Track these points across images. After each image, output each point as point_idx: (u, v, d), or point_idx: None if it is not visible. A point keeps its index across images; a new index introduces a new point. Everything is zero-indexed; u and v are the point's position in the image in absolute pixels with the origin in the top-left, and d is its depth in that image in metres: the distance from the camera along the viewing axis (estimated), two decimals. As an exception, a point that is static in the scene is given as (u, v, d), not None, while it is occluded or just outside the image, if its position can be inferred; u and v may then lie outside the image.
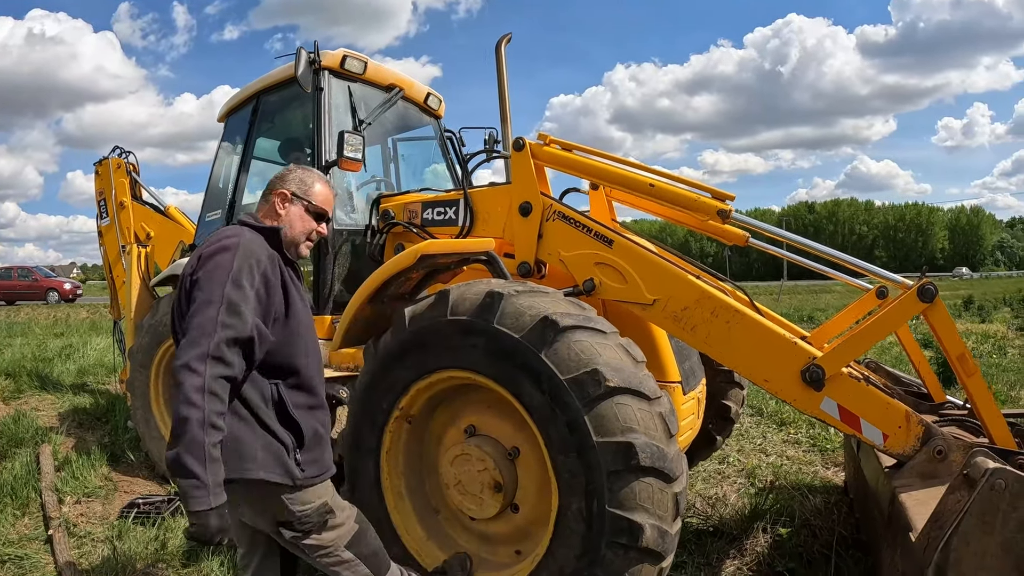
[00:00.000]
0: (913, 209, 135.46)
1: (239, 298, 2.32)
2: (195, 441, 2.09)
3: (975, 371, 3.32)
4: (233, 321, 2.28)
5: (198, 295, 2.31)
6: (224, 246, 2.40)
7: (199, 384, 2.14)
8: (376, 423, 3.67)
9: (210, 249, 2.41)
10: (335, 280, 5.01)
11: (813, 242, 3.83)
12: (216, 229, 2.61)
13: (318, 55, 5.05)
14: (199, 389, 2.14)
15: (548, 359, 3.03)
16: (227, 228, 2.59)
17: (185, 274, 2.43)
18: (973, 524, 2.39)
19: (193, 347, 2.19)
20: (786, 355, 3.33)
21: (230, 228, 2.58)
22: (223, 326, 2.24)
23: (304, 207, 2.72)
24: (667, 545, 2.93)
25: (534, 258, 4.06)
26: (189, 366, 2.16)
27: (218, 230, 2.59)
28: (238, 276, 2.35)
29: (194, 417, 2.10)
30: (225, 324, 2.25)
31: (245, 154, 5.74)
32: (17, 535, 4.86)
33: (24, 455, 6.50)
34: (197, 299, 2.30)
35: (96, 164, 8.12)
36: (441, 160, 6.43)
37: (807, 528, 4.49)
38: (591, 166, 4.10)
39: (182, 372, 2.15)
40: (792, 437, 7.12)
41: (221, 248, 2.40)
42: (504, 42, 4.72)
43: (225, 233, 2.50)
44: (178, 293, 2.48)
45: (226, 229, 2.57)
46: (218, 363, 2.20)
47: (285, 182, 2.73)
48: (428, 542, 3.66)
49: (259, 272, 2.42)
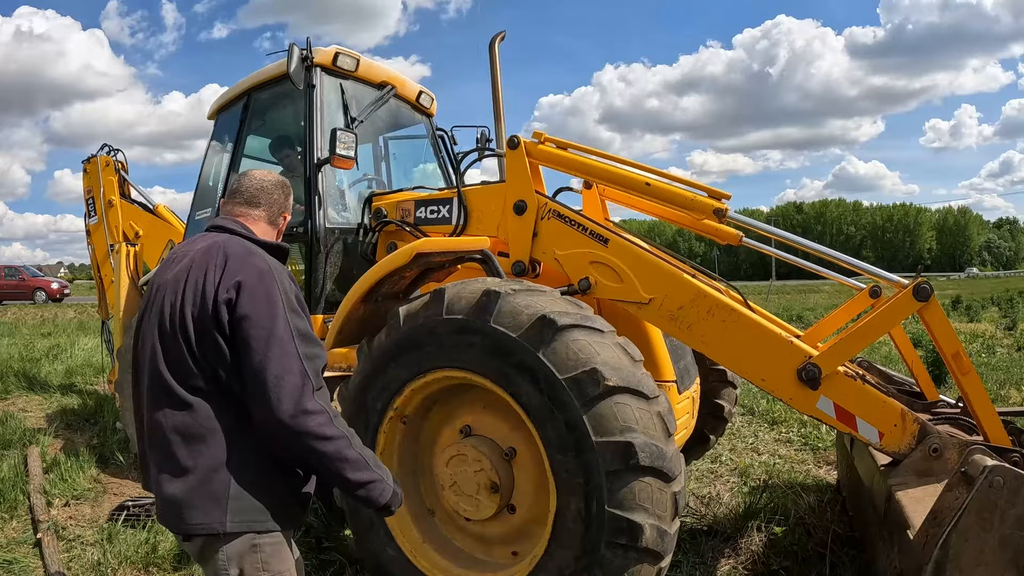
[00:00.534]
0: (901, 210, 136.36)
1: (304, 325, 2.18)
2: (356, 461, 2.13)
3: (970, 369, 3.33)
4: (313, 350, 2.15)
5: (257, 331, 2.07)
6: (261, 270, 2.17)
7: (324, 420, 2.07)
8: (370, 424, 3.64)
9: (249, 278, 2.13)
10: (327, 279, 4.98)
11: (808, 241, 3.82)
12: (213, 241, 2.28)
13: (310, 52, 5.01)
14: (328, 422, 2.09)
15: (546, 358, 3.01)
16: (232, 242, 2.28)
17: (219, 301, 2.11)
18: (971, 521, 2.41)
19: (293, 392, 2.03)
20: (782, 354, 3.32)
21: (228, 238, 2.30)
22: (307, 358, 2.11)
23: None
24: (666, 545, 2.92)
25: (529, 257, 4.04)
26: (305, 410, 2.04)
27: (221, 243, 2.26)
28: (290, 300, 2.18)
29: (342, 446, 2.10)
30: (307, 356, 2.11)
31: (235, 152, 5.69)
32: (5, 539, 4.81)
33: (12, 457, 6.44)
34: (259, 336, 2.07)
35: (84, 162, 8.06)
36: (433, 159, 6.41)
37: (801, 526, 4.50)
38: (587, 164, 4.09)
39: (300, 419, 2.03)
40: (784, 436, 7.15)
41: (259, 273, 2.16)
42: (498, 40, 4.70)
43: (249, 253, 2.23)
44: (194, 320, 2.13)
45: (229, 240, 2.28)
46: (322, 392, 2.14)
47: (289, 207, 2.59)
48: (424, 544, 3.63)
49: (294, 291, 2.25)
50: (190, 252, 2.27)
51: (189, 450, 2.07)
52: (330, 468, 2.10)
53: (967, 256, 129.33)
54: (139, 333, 2.28)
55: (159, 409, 2.12)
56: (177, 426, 2.08)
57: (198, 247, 2.27)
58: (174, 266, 2.27)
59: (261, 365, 2.04)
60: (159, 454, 2.12)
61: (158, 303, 2.21)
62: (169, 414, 2.10)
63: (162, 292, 2.21)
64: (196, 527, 2.07)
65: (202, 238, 2.35)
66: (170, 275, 2.23)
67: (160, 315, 2.17)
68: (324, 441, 2.07)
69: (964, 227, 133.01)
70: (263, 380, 2.03)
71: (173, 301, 2.16)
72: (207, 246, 2.25)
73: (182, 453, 2.07)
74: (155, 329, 2.17)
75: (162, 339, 2.14)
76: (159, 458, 2.12)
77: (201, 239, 2.34)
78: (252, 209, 2.47)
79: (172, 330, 2.13)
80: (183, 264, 2.23)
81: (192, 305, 2.12)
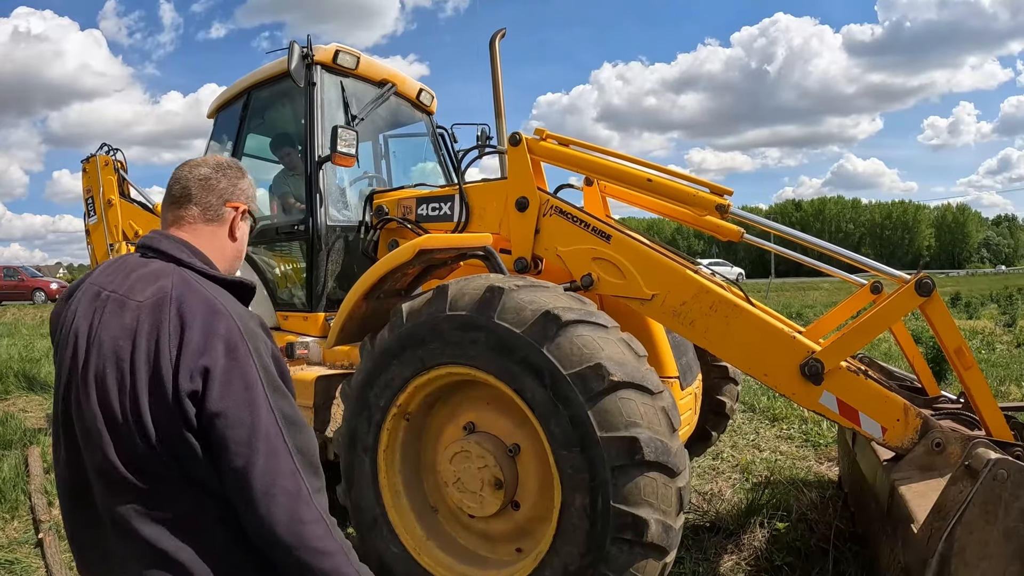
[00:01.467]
0: (900, 207, 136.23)
1: (290, 407, 1.75)
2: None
3: (972, 364, 3.33)
4: (303, 439, 1.75)
5: (236, 432, 1.64)
6: (229, 344, 1.67)
7: (322, 531, 1.69)
8: (373, 420, 3.64)
9: (218, 360, 1.65)
10: (328, 277, 4.98)
11: (812, 237, 3.83)
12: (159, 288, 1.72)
13: (311, 50, 5.01)
14: (327, 533, 1.70)
15: (550, 354, 3.01)
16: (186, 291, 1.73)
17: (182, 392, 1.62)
18: (976, 514, 2.42)
19: (288, 501, 1.66)
20: (785, 349, 3.33)
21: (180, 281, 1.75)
22: (297, 451, 1.71)
23: (252, 224, 2.09)
24: (671, 540, 2.92)
25: (531, 253, 4.04)
26: (302, 520, 1.66)
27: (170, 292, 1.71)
28: (271, 377, 1.73)
29: (340, 562, 1.70)
30: (298, 448, 1.72)
31: (235, 151, 5.68)
32: (7, 539, 4.82)
33: (12, 457, 6.45)
34: (239, 438, 1.64)
35: (84, 162, 8.07)
36: (433, 156, 6.41)
37: (803, 522, 4.51)
38: (588, 161, 4.09)
39: (297, 531, 1.65)
40: (785, 432, 7.15)
41: (229, 350, 1.67)
42: (498, 37, 4.71)
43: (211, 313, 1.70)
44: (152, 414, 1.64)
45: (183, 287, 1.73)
46: (319, 494, 1.74)
47: (242, 191, 2.01)
48: (427, 541, 3.63)
49: (271, 357, 1.78)
50: (132, 303, 1.72)
51: (163, 559, 1.67)
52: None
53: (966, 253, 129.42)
54: (71, 408, 1.73)
55: (115, 507, 1.68)
56: (144, 532, 1.67)
57: (143, 298, 1.72)
58: (110, 318, 1.72)
59: (245, 471, 1.63)
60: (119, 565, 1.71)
61: (96, 374, 1.68)
62: (129, 515, 1.67)
63: (100, 358, 1.69)
64: None
65: (146, 276, 1.78)
66: (108, 335, 1.70)
67: (102, 394, 1.66)
68: (322, 556, 1.69)
69: (963, 224, 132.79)
70: (249, 489, 1.64)
71: (120, 380, 1.65)
72: (155, 300, 1.70)
73: (154, 562, 1.67)
74: (97, 412, 1.66)
75: (111, 427, 1.65)
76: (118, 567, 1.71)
77: (145, 279, 1.77)
78: (184, 210, 1.92)
79: (124, 419, 1.65)
80: (124, 323, 1.69)
81: (147, 393, 1.64)
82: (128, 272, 1.80)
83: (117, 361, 1.67)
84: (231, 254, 1.99)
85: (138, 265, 1.81)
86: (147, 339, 1.66)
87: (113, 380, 1.66)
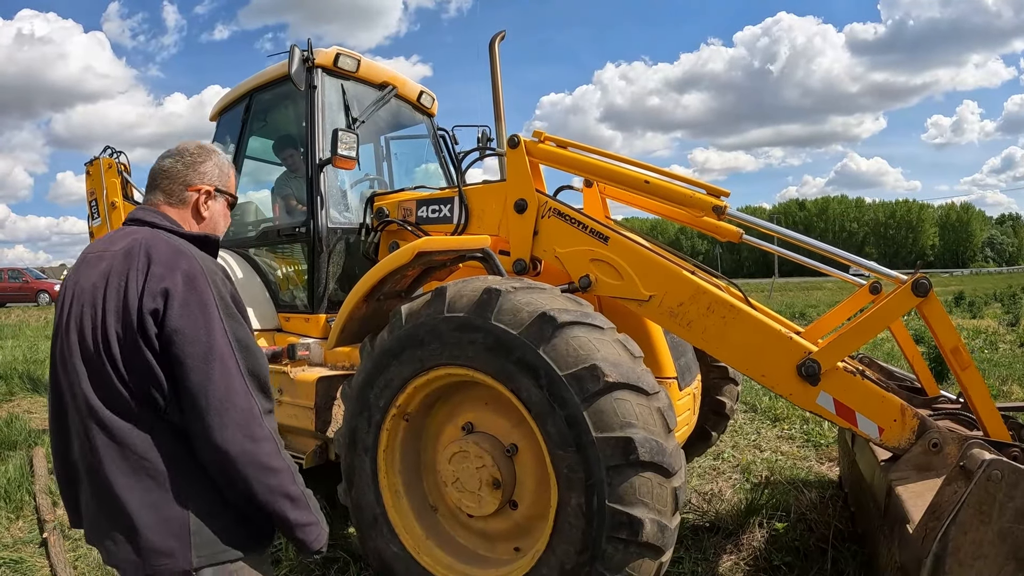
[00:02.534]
0: (903, 206, 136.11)
1: (244, 333, 1.95)
2: (298, 499, 1.93)
3: (969, 364, 3.34)
4: (256, 363, 1.94)
5: (192, 348, 1.82)
6: (189, 274, 1.88)
7: (271, 449, 1.88)
8: (373, 421, 3.66)
9: (177, 284, 1.85)
10: (329, 279, 5.01)
11: (808, 238, 3.85)
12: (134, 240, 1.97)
13: (311, 53, 5.04)
14: (276, 452, 1.90)
15: (546, 355, 3.03)
16: (156, 239, 1.96)
17: (144, 312, 1.83)
18: (970, 514, 2.43)
19: (239, 417, 1.83)
20: (782, 350, 3.34)
21: (150, 235, 1.99)
22: (249, 374, 1.90)
23: (227, 202, 2.28)
24: (667, 539, 2.93)
25: (530, 255, 4.06)
26: (253, 437, 1.84)
27: (143, 241, 1.95)
28: (227, 304, 1.93)
29: (286, 480, 1.90)
30: (251, 371, 1.90)
31: (238, 153, 5.71)
32: (11, 539, 4.84)
33: (17, 458, 6.48)
34: (194, 353, 1.82)
35: (87, 164, 8.09)
36: (434, 158, 6.43)
37: (803, 522, 4.51)
38: (587, 163, 4.10)
39: (248, 448, 1.83)
40: (786, 433, 7.16)
41: (188, 278, 1.87)
42: (498, 40, 4.72)
43: (176, 253, 1.92)
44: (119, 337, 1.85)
45: (152, 238, 1.97)
46: (269, 416, 1.94)
47: (203, 174, 2.18)
48: (426, 540, 3.65)
49: (229, 292, 1.98)
50: (108, 253, 1.96)
51: (135, 486, 1.83)
52: (271, 504, 1.89)
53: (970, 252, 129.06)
54: (56, 351, 1.96)
55: (91, 442, 1.85)
56: (116, 460, 1.83)
57: (117, 247, 1.96)
58: (89, 269, 1.96)
59: (201, 388, 1.81)
60: (97, 494, 1.88)
61: (76, 316, 1.91)
62: (105, 447, 1.84)
63: (80, 302, 1.91)
64: (160, 568, 1.84)
65: (123, 235, 2.03)
66: (88, 282, 1.93)
67: (80, 331, 1.88)
68: (270, 473, 1.87)
69: (967, 223, 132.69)
70: (204, 405, 1.81)
71: (93, 315, 1.87)
72: (127, 247, 1.93)
73: (127, 491, 1.83)
74: (76, 348, 1.88)
75: (86, 360, 1.87)
76: (97, 498, 1.88)
77: (121, 236, 2.02)
78: (152, 196, 2.14)
79: (95, 349, 1.85)
80: (101, 268, 1.93)
81: (116, 319, 1.85)
82: (109, 238, 2.05)
83: (93, 300, 1.90)
84: (202, 231, 2.18)
85: (118, 231, 2.08)
86: (118, 277, 1.88)
87: (88, 317, 1.89)
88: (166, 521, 1.84)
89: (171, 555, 1.84)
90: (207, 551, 1.87)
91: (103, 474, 1.83)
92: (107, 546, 1.87)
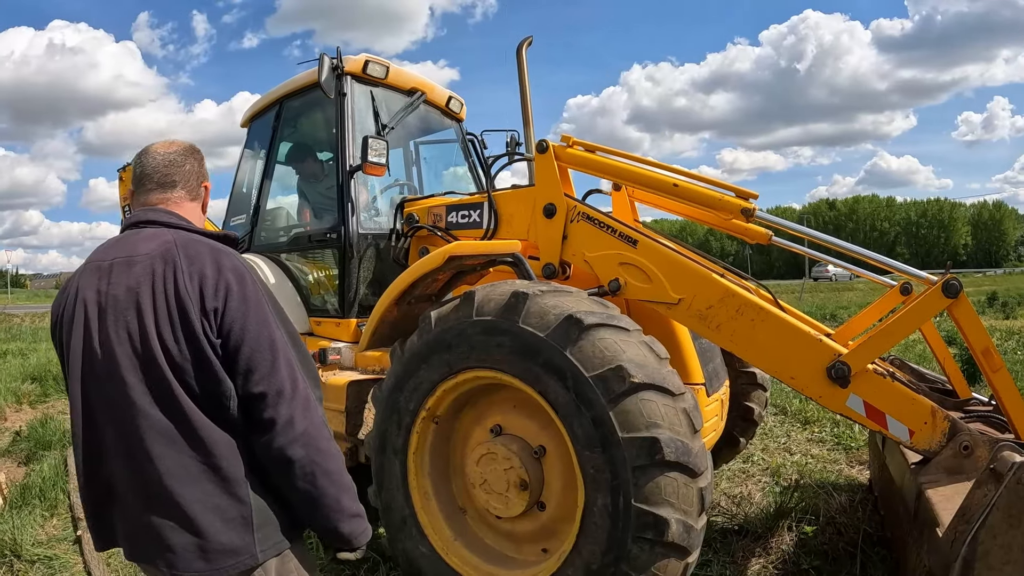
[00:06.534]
0: (935, 205, 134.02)
1: (290, 326, 2.01)
2: (350, 488, 1.99)
3: (1000, 366, 3.32)
4: (305, 353, 2.02)
5: (256, 344, 1.87)
6: (238, 271, 1.93)
7: (329, 434, 1.95)
8: (403, 424, 3.71)
9: (232, 283, 1.89)
10: (360, 284, 5.06)
11: (837, 239, 3.83)
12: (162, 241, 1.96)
13: (340, 61, 5.10)
14: (332, 436, 1.96)
15: (573, 357, 3.06)
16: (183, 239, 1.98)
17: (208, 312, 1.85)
18: (1000, 518, 2.40)
19: (303, 405, 1.90)
20: (811, 352, 3.34)
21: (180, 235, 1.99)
22: (302, 363, 1.96)
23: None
24: (692, 540, 2.95)
25: (559, 259, 4.08)
26: (315, 423, 1.91)
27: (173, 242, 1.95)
28: (273, 300, 2.00)
29: (342, 466, 1.96)
30: (302, 361, 1.97)
31: (269, 159, 5.79)
32: (46, 536, 4.97)
33: (52, 458, 6.64)
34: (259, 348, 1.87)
35: (120, 171, 8.25)
36: (463, 163, 6.47)
37: (832, 526, 4.48)
38: (615, 167, 4.13)
39: (312, 435, 1.89)
40: (816, 436, 7.10)
41: (239, 276, 1.92)
42: (525, 45, 4.75)
43: (213, 251, 1.96)
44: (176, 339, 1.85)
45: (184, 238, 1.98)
46: (320, 403, 2.00)
47: (206, 172, 2.27)
48: (455, 541, 3.69)
49: (269, 291, 2.04)
50: (137, 257, 1.92)
51: (198, 493, 1.84)
52: (327, 489, 1.91)
53: (1003, 251, 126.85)
54: (86, 366, 1.90)
55: (146, 453, 1.82)
56: (175, 468, 1.82)
57: (147, 251, 1.92)
58: (115, 276, 1.92)
59: (268, 380, 1.87)
60: (152, 507, 1.84)
61: (114, 326, 1.86)
62: (162, 457, 1.82)
63: (115, 311, 1.87)
64: (231, 569, 1.86)
65: (145, 238, 1.98)
66: (119, 289, 1.89)
67: (128, 341, 1.84)
68: (330, 458, 1.92)
69: (999, 222, 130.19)
70: (272, 397, 1.86)
71: (140, 322, 1.84)
72: (161, 250, 1.91)
73: (190, 499, 1.83)
74: (123, 359, 1.84)
75: (141, 369, 1.84)
76: (151, 511, 1.84)
77: (145, 239, 1.97)
78: (169, 191, 2.13)
79: (150, 356, 1.83)
80: (134, 274, 1.89)
81: (169, 323, 1.84)
82: (123, 243, 2.00)
83: (137, 306, 1.86)
84: (202, 222, 2.22)
85: (131, 235, 2.02)
86: (163, 279, 1.87)
87: (134, 325, 1.85)
88: (232, 521, 1.87)
89: (240, 553, 1.87)
90: (269, 543, 1.92)
91: (162, 485, 1.82)
92: (167, 558, 1.85)
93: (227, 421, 1.90)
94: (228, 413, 1.89)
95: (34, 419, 8.25)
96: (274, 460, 1.90)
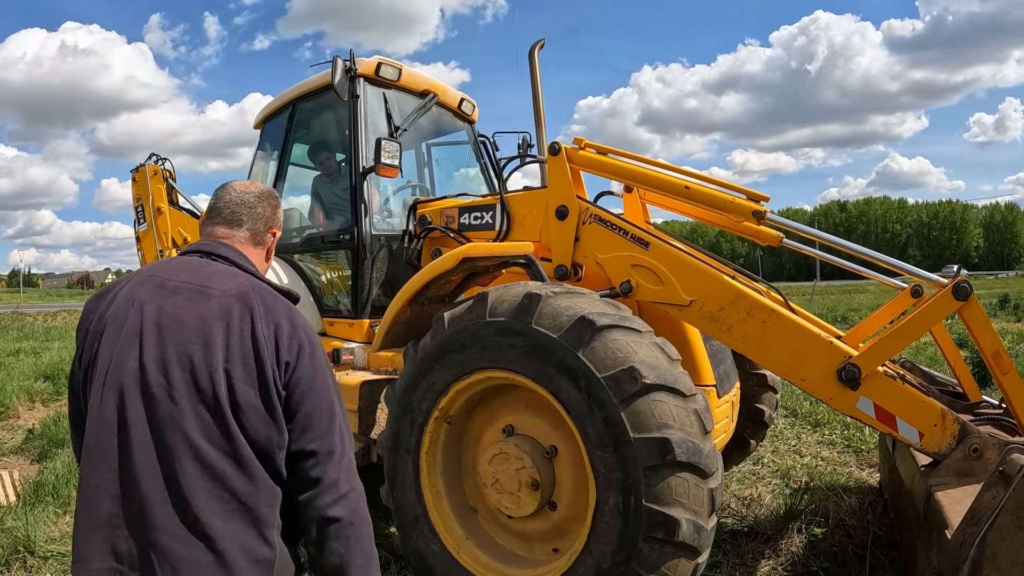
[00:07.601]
0: (947, 207, 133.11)
1: (337, 385, 2.04)
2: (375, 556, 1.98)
3: (1011, 369, 3.33)
4: (344, 411, 2.03)
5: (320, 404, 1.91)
6: (307, 330, 1.96)
7: (364, 500, 1.95)
8: (415, 423, 3.74)
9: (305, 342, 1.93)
10: (373, 284, 5.10)
11: (847, 241, 3.85)
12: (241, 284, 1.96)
13: (353, 63, 5.13)
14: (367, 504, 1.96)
15: (585, 357, 3.09)
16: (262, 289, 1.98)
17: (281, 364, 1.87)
18: (1009, 520, 2.41)
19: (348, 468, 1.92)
20: (822, 354, 3.36)
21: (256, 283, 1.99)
22: (347, 423, 1.99)
23: None
24: (703, 540, 2.97)
25: (571, 261, 4.11)
26: (355, 488, 1.92)
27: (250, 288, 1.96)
28: (327, 356, 2.06)
29: (371, 533, 1.95)
30: (346, 420, 2.00)
31: (282, 160, 5.82)
32: (59, 532, 5.02)
33: (65, 455, 6.67)
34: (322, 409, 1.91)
35: (133, 171, 8.28)
36: (475, 164, 6.50)
37: (841, 528, 4.50)
38: (626, 169, 4.15)
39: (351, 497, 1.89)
40: (827, 438, 7.11)
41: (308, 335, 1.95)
42: (537, 48, 4.78)
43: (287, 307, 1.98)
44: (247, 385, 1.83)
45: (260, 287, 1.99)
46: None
47: (279, 220, 2.26)
48: (466, 540, 3.72)
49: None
50: (214, 291, 1.91)
51: (231, 529, 1.80)
52: (358, 555, 1.89)
53: (1015, 253, 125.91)
54: (128, 376, 1.83)
55: (183, 480, 1.77)
56: (211, 502, 1.78)
57: (224, 288, 1.92)
58: (185, 301, 1.89)
59: (324, 439, 1.89)
60: (177, 529, 1.76)
61: (177, 350, 1.82)
62: (200, 490, 1.77)
63: (180, 335, 1.84)
64: None
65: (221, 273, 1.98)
66: (189, 315, 1.86)
67: (190, 369, 1.81)
68: (366, 524, 1.93)
69: (1012, 224, 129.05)
70: (324, 455, 1.89)
71: (208, 355, 1.81)
72: (239, 292, 1.92)
73: (222, 533, 1.78)
74: (182, 384, 1.80)
75: (203, 399, 1.80)
76: (175, 533, 1.76)
77: (220, 275, 1.97)
78: (235, 229, 2.12)
79: (213, 390, 1.80)
80: (210, 308, 1.87)
81: (243, 365, 1.83)
82: (195, 269, 1.98)
83: (205, 338, 1.83)
84: (264, 271, 2.21)
85: (203, 265, 2.01)
86: (239, 320, 1.87)
87: (199, 354, 1.82)
88: (259, 563, 1.83)
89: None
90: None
91: (194, 514, 1.76)
92: None
93: (273, 469, 1.88)
94: (276, 462, 1.88)
95: (47, 417, 8.33)
96: (312, 518, 1.89)
